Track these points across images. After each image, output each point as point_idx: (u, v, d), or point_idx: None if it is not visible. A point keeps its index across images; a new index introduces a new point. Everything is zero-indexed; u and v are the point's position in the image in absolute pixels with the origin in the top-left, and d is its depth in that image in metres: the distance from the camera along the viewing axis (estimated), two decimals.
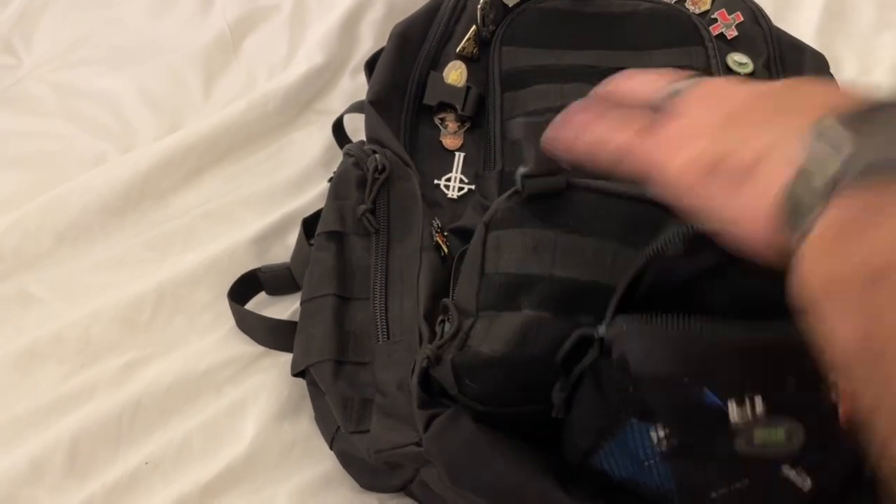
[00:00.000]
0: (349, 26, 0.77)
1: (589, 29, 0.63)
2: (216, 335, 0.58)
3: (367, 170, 0.55)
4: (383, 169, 0.54)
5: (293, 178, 0.69)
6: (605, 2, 0.65)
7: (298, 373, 0.53)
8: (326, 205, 0.56)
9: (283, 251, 0.65)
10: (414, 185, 0.55)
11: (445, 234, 0.54)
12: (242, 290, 0.59)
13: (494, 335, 0.40)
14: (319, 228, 0.56)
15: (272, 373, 0.57)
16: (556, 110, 0.55)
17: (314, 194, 0.67)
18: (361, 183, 0.55)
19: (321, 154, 0.70)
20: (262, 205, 0.67)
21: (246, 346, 0.57)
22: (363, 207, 0.54)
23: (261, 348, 0.58)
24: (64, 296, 0.61)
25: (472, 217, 0.55)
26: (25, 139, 0.71)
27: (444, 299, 0.45)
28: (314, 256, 0.55)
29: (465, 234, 0.53)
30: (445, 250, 0.53)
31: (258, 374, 0.57)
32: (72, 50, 0.79)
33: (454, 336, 0.41)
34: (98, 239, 0.64)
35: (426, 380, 0.42)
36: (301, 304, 0.54)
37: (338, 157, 0.70)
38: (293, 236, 0.65)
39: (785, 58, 0.66)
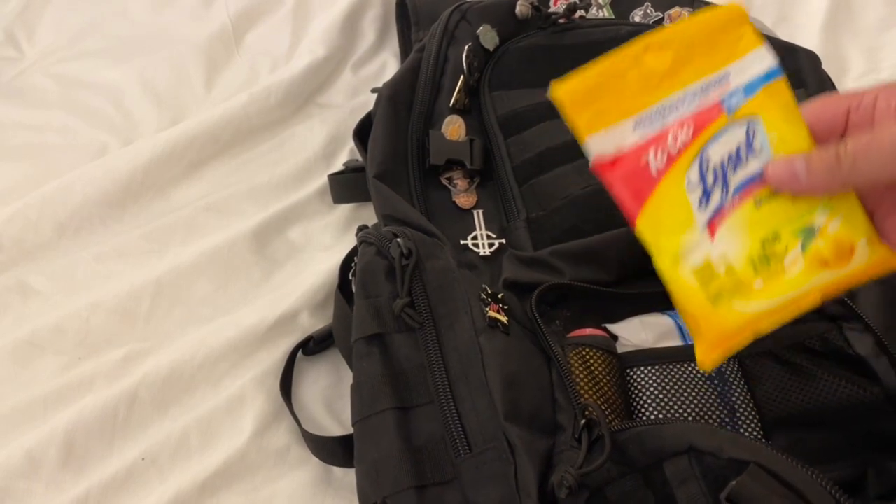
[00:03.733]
0: (351, 20, 0.76)
1: (574, 61, 0.59)
2: (214, 327, 0.58)
3: (393, 258, 0.50)
4: (409, 253, 0.49)
5: (294, 171, 0.68)
6: (583, 31, 0.63)
7: None
8: (357, 305, 0.50)
9: (283, 245, 0.64)
10: (446, 260, 0.50)
11: (500, 296, 0.49)
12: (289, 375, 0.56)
13: None
14: (356, 334, 0.49)
15: (270, 367, 0.56)
16: (567, 145, 0.56)
17: (315, 188, 0.67)
18: (390, 272, 0.50)
19: (322, 147, 0.70)
20: (263, 198, 0.66)
21: (243, 340, 0.57)
22: (401, 303, 0.48)
23: (258, 342, 0.57)
24: (63, 287, 0.61)
25: (513, 270, 0.52)
26: (28, 131, 0.71)
27: (587, 402, 0.41)
28: (357, 367, 0.49)
29: (515, 287, 0.50)
30: (505, 321, 0.47)
31: (256, 367, 0.56)
32: (74, 42, 0.78)
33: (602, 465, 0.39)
34: (98, 230, 0.64)
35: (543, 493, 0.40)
36: (354, 424, 0.47)
37: (339, 150, 0.71)
38: (293, 229, 0.65)
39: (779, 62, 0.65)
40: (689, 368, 0.48)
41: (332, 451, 0.51)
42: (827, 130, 0.37)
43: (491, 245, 0.55)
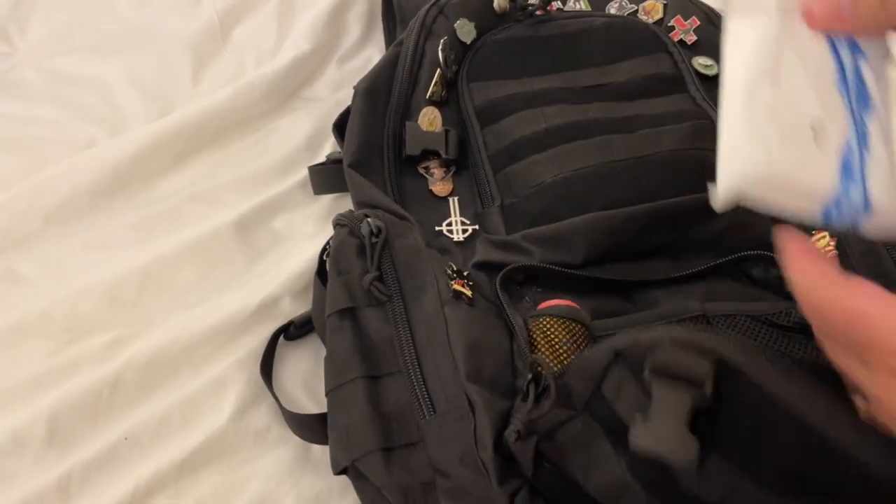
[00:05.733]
0: (337, 15, 0.78)
1: (550, 52, 0.63)
2: (198, 313, 0.59)
3: (363, 236, 0.53)
4: (379, 231, 0.52)
5: (277, 162, 0.70)
6: (559, 23, 0.65)
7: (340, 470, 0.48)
8: (330, 282, 0.53)
9: (266, 234, 0.66)
10: (415, 238, 0.53)
11: (466, 274, 0.52)
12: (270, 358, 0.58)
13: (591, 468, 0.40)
14: (329, 309, 0.52)
15: (251, 351, 0.58)
16: (540, 135, 0.58)
17: (298, 179, 0.69)
18: (361, 251, 0.53)
19: (305, 140, 0.72)
20: (247, 188, 0.68)
21: (226, 325, 0.58)
22: (370, 277, 0.51)
23: (241, 327, 0.59)
24: (51, 275, 0.62)
25: (485, 252, 0.54)
26: (17, 124, 0.72)
27: (535, 356, 0.43)
28: (330, 340, 0.51)
29: (487, 267, 0.53)
30: (469, 294, 0.50)
31: (238, 351, 0.58)
32: (65, 38, 0.80)
33: (549, 410, 0.40)
34: (86, 220, 0.65)
35: (500, 448, 0.42)
36: (327, 394, 0.50)
37: (322, 143, 0.72)
38: (276, 219, 0.67)
39: None
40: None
41: (311, 427, 0.53)
42: None
43: (465, 231, 0.57)
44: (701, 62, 0.64)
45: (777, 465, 0.35)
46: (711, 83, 0.63)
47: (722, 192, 0.30)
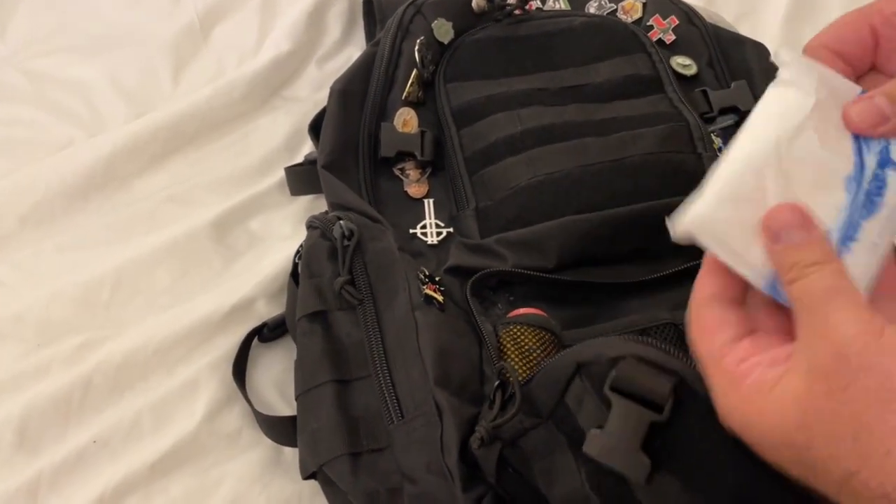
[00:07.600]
0: (317, 15, 0.77)
1: (528, 52, 0.62)
2: (171, 315, 0.59)
3: (335, 238, 0.52)
4: (351, 234, 0.51)
5: (256, 163, 0.69)
6: (538, 22, 0.64)
7: (309, 475, 0.48)
8: (301, 285, 0.52)
9: (243, 234, 0.65)
10: (388, 242, 0.52)
11: (437, 279, 0.51)
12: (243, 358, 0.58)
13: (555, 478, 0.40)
14: (299, 312, 0.51)
15: (225, 353, 0.58)
16: (515, 137, 0.57)
17: (276, 179, 0.68)
18: (333, 254, 0.52)
19: (285, 140, 0.71)
20: (225, 189, 0.67)
21: (199, 327, 0.58)
22: (341, 280, 0.50)
23: (214, 328, 0.58)
24: (25, 277, 0.62)
25: (459, 256, 0.53)
26: None
27: (502, 364, 0.43)
28: (300, 343, 0.51)
29: (459, 272, 0.52)
30: (440, 299, 0.49)
31: (210, 353, 0.57)
32: (46, 39, 0.79)
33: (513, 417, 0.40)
34: (61, 221, 0.65)
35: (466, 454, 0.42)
36: (297, 398, 0.50)
37: (302, 143, 0.72)
38: (254, 220, 0.66)
39: (727, 54, 0.66)
40: None
41: (283, 430, 0.52)
42: (859, 52, 0.34)
43: (439, 234, 0.56)
44: (679, 62, 0.64)
45: (729, 487, 0.35)
46: (689, 83, 0.63)
47: (674, 225, 0.33)
